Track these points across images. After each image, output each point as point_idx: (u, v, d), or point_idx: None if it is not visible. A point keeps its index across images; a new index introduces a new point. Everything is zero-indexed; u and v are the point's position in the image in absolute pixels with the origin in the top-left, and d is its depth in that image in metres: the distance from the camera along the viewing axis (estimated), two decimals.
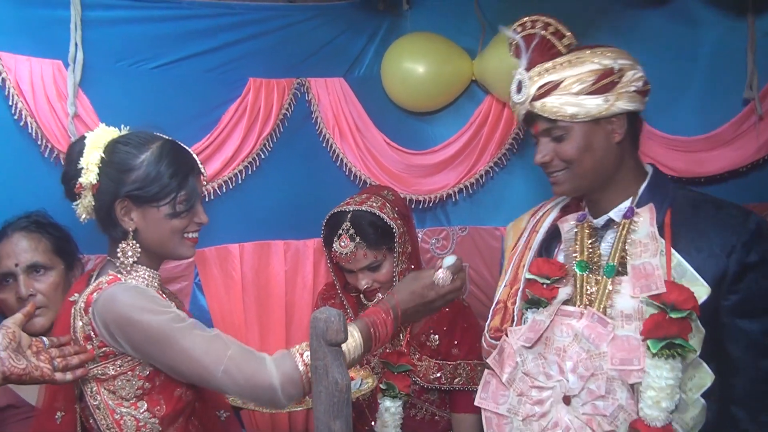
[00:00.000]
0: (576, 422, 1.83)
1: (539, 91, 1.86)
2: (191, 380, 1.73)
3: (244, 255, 2.74)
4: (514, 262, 2.14)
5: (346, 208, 2.41)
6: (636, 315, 1.79)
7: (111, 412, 1.73)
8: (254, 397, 1.69)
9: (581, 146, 1.86)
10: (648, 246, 1.82)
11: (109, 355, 1.72)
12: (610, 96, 1.83)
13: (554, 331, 1.90)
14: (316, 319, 1.48)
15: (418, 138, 2.89)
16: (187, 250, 1.88)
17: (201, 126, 2.61)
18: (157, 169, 1.78)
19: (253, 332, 2.73)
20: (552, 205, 2.18)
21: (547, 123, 1.88)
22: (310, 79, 2.81)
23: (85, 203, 1.82)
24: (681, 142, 2.50)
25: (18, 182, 2.37)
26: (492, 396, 1.98)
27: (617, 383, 1.78)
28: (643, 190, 1.91)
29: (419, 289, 1.83)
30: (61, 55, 2.38)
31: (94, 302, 1.71)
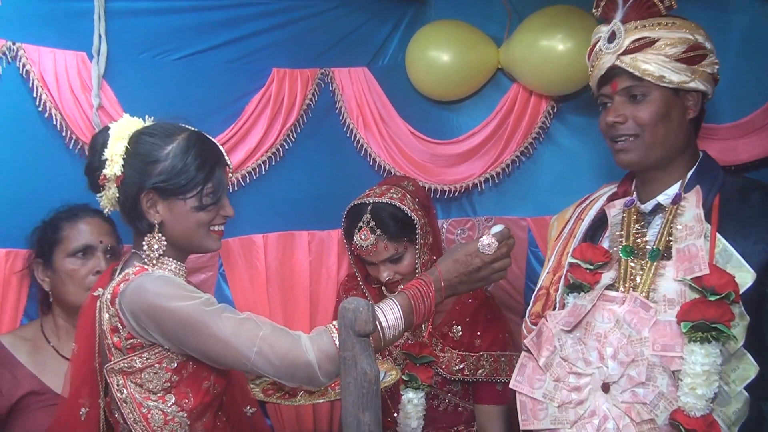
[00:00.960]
0: (614, 410, 1.79)
1: (633, 44, 1.85)
2: (225, 364, 1.70)
3: (268, 246, 2.73)
4: (557, 250, 2.13)
5: (366, 200, 2.39)
6: (679, 299, 1.76)
7: (138, 406, 1.71)
8: (291, 375, 1.64)
9: (659, 112, 1.85)
10: (693, 229, 1.80)
11: (136, 347, 1.70)
12: (695, 70, 1.84)
13: (595, 316, 1.86)
14: (345, 309, 1.47)
15: (443, 127, 2.86)
16: (212, 242, 1.85)
17: (224, 117, 2.60)
18: (184, 160, 1.76)
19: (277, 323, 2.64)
20: (599, 194, 2.17)
21: (630, 80, 1.87)
22: (334, 69, 2.79)
23: (109, 195, 1.80)
24: (710, 130, 2.44)
25: (42, 173, 2.38)
26: (528, 380, 1.94)
27: (658, 370, 1.74)
28: (691, 174, 1.90)
29: (462, 257, 1.77)
30: (85, 46, 2.38)
31: (120, 293, 1.68)
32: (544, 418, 1.89)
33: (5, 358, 2.18)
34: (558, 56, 2.50)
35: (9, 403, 2.13)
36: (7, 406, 2.13)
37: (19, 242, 2.36)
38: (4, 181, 2.34)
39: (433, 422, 2.40)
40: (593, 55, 1.97)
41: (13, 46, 2.30)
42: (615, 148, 1.94)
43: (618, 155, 1.93)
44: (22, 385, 2.15)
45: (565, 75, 2.52)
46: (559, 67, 2.52)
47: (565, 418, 1.87)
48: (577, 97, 2.66)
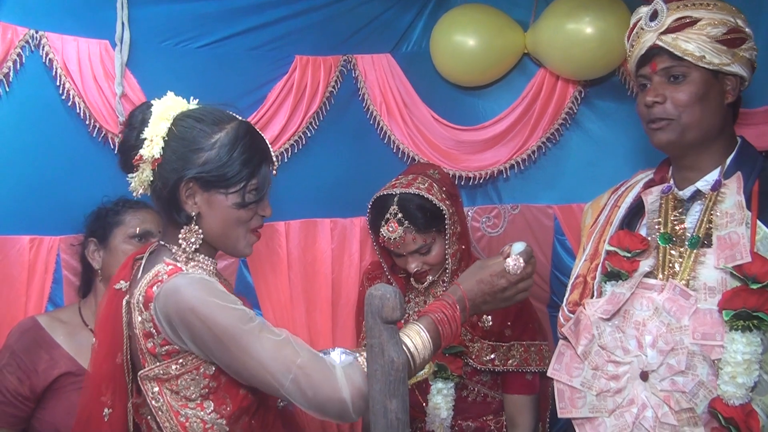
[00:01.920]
0: (653, 399, 1.78)
1: (676, 23, 1.84)
2: (255, 386, 1.60)
3: (290, 233, 2.72)
4: (594, 237, 2.09)
5: (393, 190, 2.34)
6: (719, 288, 1.75)
7: (175, 414, 1.62)
8: (322, 410, 1.53)
9: (698, 93, 1.83)
10: (734, 216, 1.78)
11: (172, 353, 1.60)
12: (735, 53, 1.83)
13: (634, 304, 1.85)
14: (372, 296, 1.44)
15: (468, 113, 2.82)
16: (247, 247, 1.75)
17: (247, 104, 2.58)
18: (231, 153, 1.64)
19: (299, 310, 2.71)
20: (634, 180, 2.14)
21: (670, 60, 1.85)
22: (357, 55, 2.76)
23: (142, 177, 1.67)
24: (743, 115, 2.37)
25: (66, 162, 2.39)
26: (565, 368, 1.94)
27: (698, 358, 1.73)
28: (731, 160, 1.88)
29: (487, 277, 1.71)
30: (107, 34, 2.38)
31: (155, 298, 1.57)
32: (582, 406, 1.89)
33: (42, 338, 2.20)
34: (585, 40, 2.46)
35: (45, 383, 2.16)
36: (44, 385, 2.15)
37: (43, 229, 2.38)
38: (28, 169, 2.35)
39: (461, 412, 2.38)
40: (633, 35, 1.96)
41: (36, 34, 2.31)
42: (651, 129, 1.91)
43: (655, 134, 1.90)
44: (59, 365, 2.17)
45: (593, 59, 2.49)
46: (586, 51, 2.48)
47: (603, 407, 1.86)
48: (605, 82, 2.62)
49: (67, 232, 2.41)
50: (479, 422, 2.41)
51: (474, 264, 1.79)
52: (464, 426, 2.40)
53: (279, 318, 2.68)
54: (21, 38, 2.28)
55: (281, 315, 2.69)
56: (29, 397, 2.14)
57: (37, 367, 2.16)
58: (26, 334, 2.20)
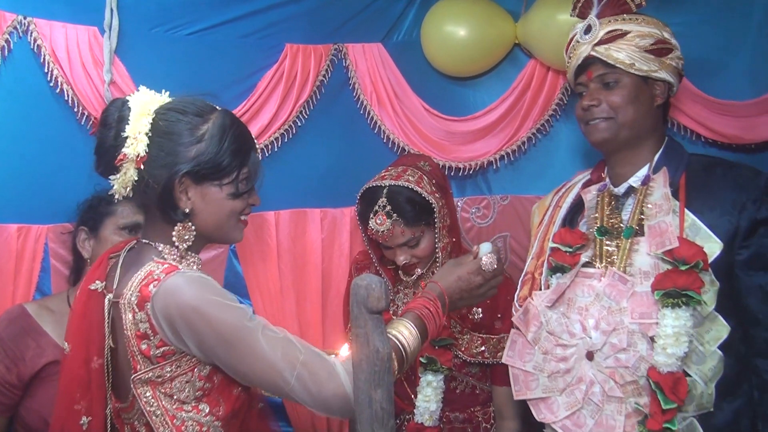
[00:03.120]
0: (599, 375, 1.95)
1: (607, 35, 2.03)
2: (259, 385, 1.58)
3: (280, 223, 2.71)
4: (539, 236, 2.26)
5: (382, 182, 2.33)
6: (653, 271, 1.93)
7: (171, 418, 1.56)
8: (326, 406, 1.52)
9: (629, 96, 2.01)
10: (662, 206, 1.97)
11: (167, 354, 1.54)
12: (662, 62, 2.02)
13: (576, 292, 2.03)
14: (357, 285, 1.44)
15: (459, 104, 2.82)
16: (239, 233, 1.71)
17: (237, 93, 2.58)
18: (221, 143, 1.59)
19: (289, 300, 2.71)
20: (574, 181, 2.30)
21: (603, 68, 2.04)
22: (348, 44, 2.75)
23: (125, 178, 1.58)
24: (731, 107, 2.41)
25: (54, 150, 2.38)
26: (518, 354, 2.11)
27: (637, 336, 1.91)
28: (658, 157, 2.07)
29: (465, 274, 1.78)
30: (96, 21, 2.36)
31: (153, 297, 1.51)
32: (536, 388, 2.06)
33: (30, 326, 2.20)
34: None
35: (32, 371, 2.16)
36: (31, 373, 2.15)
37: (31, 218, 2.38)
38: (15, 157, 2.34)
39: (449, 404, 2.38)
40: (570, 48, 2.15)
41: (24, 20, 2.29)
42: (589, 129, 2.09)
43: (592, 133, 2.08)
44: (46, 354, 2.17)
45: None
46: None
47: (555, 387, 2.03)
48: None
49: (55, 221, 2.41)
50: (467, 413, 2.42)
51: (449, 262, 1.86)
52: (452, 417, 2.41)
53: (269, 308, 2.68)
54: (9, 24, 2.27)
55: (271, 305, 2.69)
56: (16, 384, 2.14)
57: (24, 355, 2.16)
58: (14, 322, 2.20)
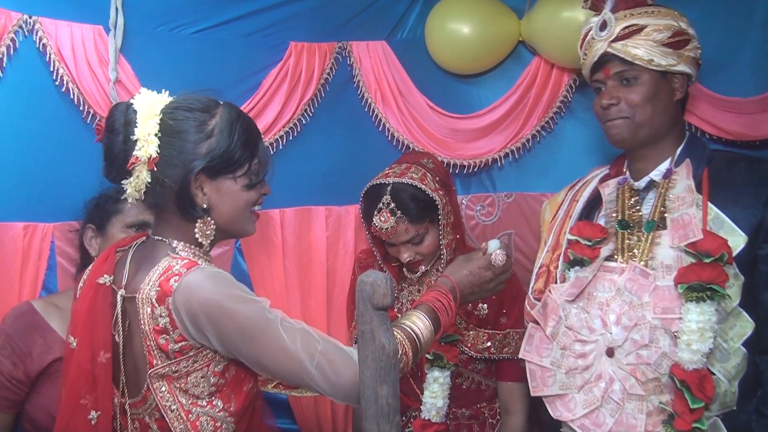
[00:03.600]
0: (620, 373, 1.90)
1: (624, 31, 1.98)
2: (279, 376, 1.59)
3: (285, 220, 2.72)
4: (555, 230, 2.23)
5: (386, 180, 2.33)
6: (676, 265, 1.89)
7: (186, 413, 1.58)
8: (345, 394, 1.54)
9: (649, 94, 1.98)
10: (685, 199, 1.93)
11: (185, 350, 1.56)
12: (681, 54, 1.98)
13: (597, 286, 1.99)
14: (363, 282, 1.45)
15: (463, 101, 2.82)
16: (252, 225, 1.73)
17: (242, 91, 2.58)
18: (231, 136, 1.61)
19: (294, 298, 2.71)
20: (590, 177, 2.28)
21: (621, 65, 2.00)
22: (352, 42, 2.75)
23: (138, 181, 1.58)
24: (735, 104, 2.41)
25: (60, 148, 2.38)
26: (536, 349, 2.06)
27: (660, 332, 1.87)
28: (680, 150, 2.04)
29: (475, 269, 1.84)
30: (101, 20, 2.37)
31: (174, 291, 1.52)
32: (553, 384, 2.01)
33: (37, 323, 2.21)
34: (580, 28, 2.41)
35: (39, 367, 2.16)
36: (38, 370, 2.16)
37: (37, 216, 2.38)
38: (22, 156, 2.35)
39: (456, 400, 2.39)
40: (585, 44, 2.10)
41: (30, 19, 2.30)
42: (608, 127, 2.06)
43: (610, 131, 2.05)
44: (53, 351, 2.17)
45: None
46: None
47: (572, 384, 1.98)
48: None
49: (61, 219, 2.41)
50: (473, 409, 2.43)
51: (458, 258, 1.91)
52: (459, 413, 2.42)
53: (274, 305, 2.62)
54: (14, 23, 2.27)
55: (276, 303, 2.67)
56: (23, 381, 2.15)
57: (31, 351, 2.16)
58: (21, 319, 2.21)
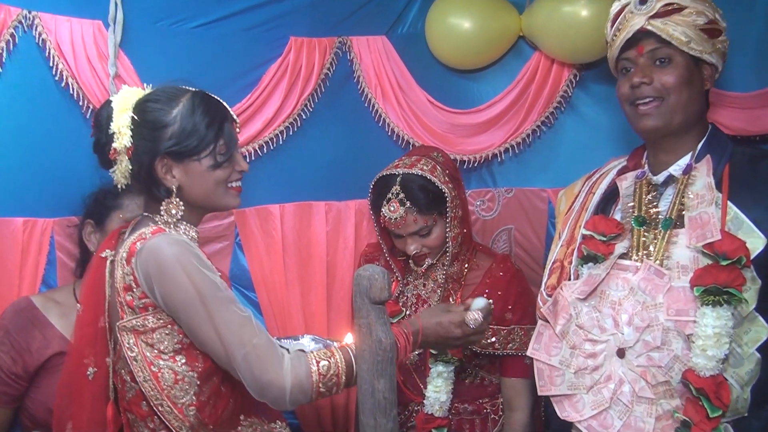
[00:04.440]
0: (630, 374, 1.85)
1: (664, 8, 1.91)
2: (208, 352, 1.69)
3: (285, 216, 2.72)
4: (570, 223, 2.16)
5: (396, 171, 2.34)
6: (692, 266, 1.82)
7: (149, 365, 1.70)
8: (262, 391, 1.65)
9: (683, 77, 1.91)
10: (704, 197, 1.86)
11: (149, 306, 1.69)
12: (714, 43, 1.92)
13: (609, 284, 1.92)
14: (360, 276, 1.45)
15: (463, 96, 2.81)
16: (232, 199, 1.84)
17: (241, 86, 2.58)
18: (192, 121, 1.74)
19: (294, 293, 2.71)
20: (608, 168, 2.21)
21: (656, 43, 1.92)
22: (352, 37, 2.75)
23: (122, 168, 1.77)
24: (735, 98, 2.40)
25: (59, 143, 2.38)
26: (545, 347, 2.00)
27: (673, 334, 1.80)
28: (701, 146, 1.96)
29: (447, 323, 1.86)
30: (101, 15, 2.37)
31: (137, 252, 1.68)
32: (561, 383, 1.95)
33: (36, 318, 2.21)
34: (581, 22, 2.46)
35: (38, 363, 2.17)
36: (36, 365, 2.17)
37: (36, 211, 2.38)
38: (21, 151, 2.35)
39: (458, 395, 2.39)
40: (621, 18, 1.99)
41: (29, 14, 2.30)
42: (638, 113, 1.96)
43: (642, 120, 1.95)
44: (52, 345, 2.18)
45: (589, 42, 2.47)
46: (582, 34, 2.47)
47: (581, 384, 1.92)
48: (600, 65, 2.60)
49: (61, 214, 2.41)
50: (476, 405, 2.42)
51: (438, 306, 1.98)
52: (461, 409, 2.41)
53: (273, 301, 2.69)
54: (14, 18, 2.27)
55: (276, 298, 2.70)
56: (22, 376, 2.16)
57: (30, 346, 2.17)
58: (20, 314, 2.21)
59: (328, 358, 1.68)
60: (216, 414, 1.75)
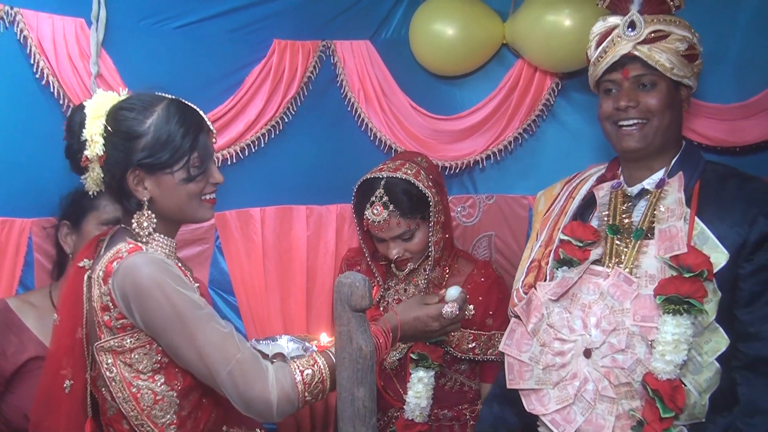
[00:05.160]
0: (594, 374, 1.93)
1: (651, 35, 1.96)
2: (191, 371, 1.67)
3: (266, 219, 2.71)
4: (549, 225, 2.22)
5: (380, 174, 2.35)
6: (659, 275, 1.91)
7: (128, 385, 1.67)
8: (248, 406, 1.63)
9: (666, 100, 1.97)
10: (674, 211, 1.94)
11: (127, 327, 1.65)
12: (692, 68, 2.00)
13: (581, 288, 2.00)
14: (341, 284, 1.45)
15: (446, 103, 2.83)
16: (206, 212, 1.79)
17: (224, 88, 2.57)
18: (167, 131, 1.68)
19: (274, 297, 2.70)
20: (588, 174, 2.28)
21: (642, 69, 1.97)
22: (336, 41, 2.75)
23: (93, 176, 1.72)
24: (716, 110, 2.43)
25: (39, 143, 2.35)
26: (516, 343, 2.07)
27: (637, 339, 1.89)
28: (675, 161, 2.03)
29: (424, 316, 1.88)
30: (83, 12, 2.35)
31: (114, 272, 1.63)
32: (529, 378, 2.03)
33: (12, 322, 2.18)
34: (564, 32, 2.47)
35: (14, 367, 2.14)
36: (12, 369, 2.14)
37: (15, 211, 2.35)
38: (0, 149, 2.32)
39: (438, 401, 2.39)
40: (608, 41, 2.03)
41: (11, 11, 2.27)
42: (621, 133, 2.01)
43: (624, 140, 2.01)
44: (28, 349, 2.15)
45: (571, 51, 2.49)
46: (565, 43, 2.49)
47: (548, 380, 2.01)
48: (582, 75, 2.61)
49: (40, 215, 2.38)
50: (455, 411, 2.43)
51: (414, 298, 1.97)
52: (441, 415, 2.42)
53: (253, 305, 2.68)
54: None
55: (256, 302, 2.69)
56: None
57: (5, 350, 2.14)
58: None
59: (312, 366, 1.67)
60: (198, 428, 1.74)
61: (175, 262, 1.76)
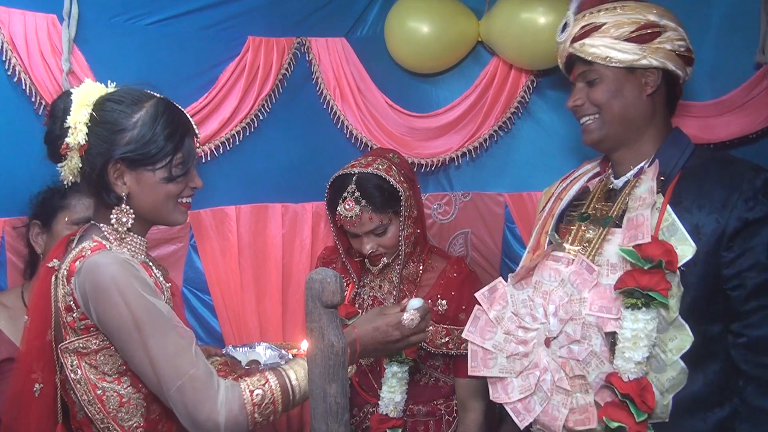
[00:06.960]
0: (552, 364, 1.92)
1: (580, 31, 1.98)
2: (143, 379, 1.63)
3: (241, 217, 2.70)
4: (537, 229, 2.18)
5: (352, 170, 2.35)
6: (621, 265, 1.86)
7: (93, 387, 1.65)
8: (195, 425, 1.59)
9: (611, 91, 1.95)
10: (645, 200, 1.88)
11: (90, 328, 1.63)
12: (646, 48, 1.92)
13: (543, 275, 1.99)
14: (312, 280, 1.44)
15: (422, 100, 2.83)
16: (180, 215, 1.79)
17: (198, 85, 2.56)
18: (153, 129, 1.68)
19: (249, 295, 2.70)
20: (582, 171, 2.24)
21: (583, 65, 1.99)
22: (311, 38, 2.74)
23: (71, 165, 1.70)
24: (689, 108, 2.44)
25: (11, 140, 2.33)
26: (479, 331, 2.07)
27: (593, 330, 1.85)
28: (658, 150, 1.98)
29: (383, 326, 1.84)
30: (55, 9, 2.33)
31: (77, 271, 1.61)
32: (493, 366, 2.03)
33: None
34: (539, 30, 2.48)
35: None
36: None
37: None
38: None
39: (413, 397, 2.40)
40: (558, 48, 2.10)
41: None
42: (582, 129, 2.05)
43: (585, 134, 2.05)
44: (0, 352, 2.12)
45: (546, 49, 2.47)
46: (539, 41, 2.49)
47: (512, 368, 2.00)
48: (556, 72, 2.61)
49: (12, 214, 2.37)
50: (430, 406, 2.44)
51: (373, 310, 1.92)
52: (415, 410, 2.42)
53: (229, 304, 2.67)
54: None
55: (231, 300, 2.68)
56: None
57: None
58: None
59: (262, 386, 1.65)
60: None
61: (147, 261, 1.75)
